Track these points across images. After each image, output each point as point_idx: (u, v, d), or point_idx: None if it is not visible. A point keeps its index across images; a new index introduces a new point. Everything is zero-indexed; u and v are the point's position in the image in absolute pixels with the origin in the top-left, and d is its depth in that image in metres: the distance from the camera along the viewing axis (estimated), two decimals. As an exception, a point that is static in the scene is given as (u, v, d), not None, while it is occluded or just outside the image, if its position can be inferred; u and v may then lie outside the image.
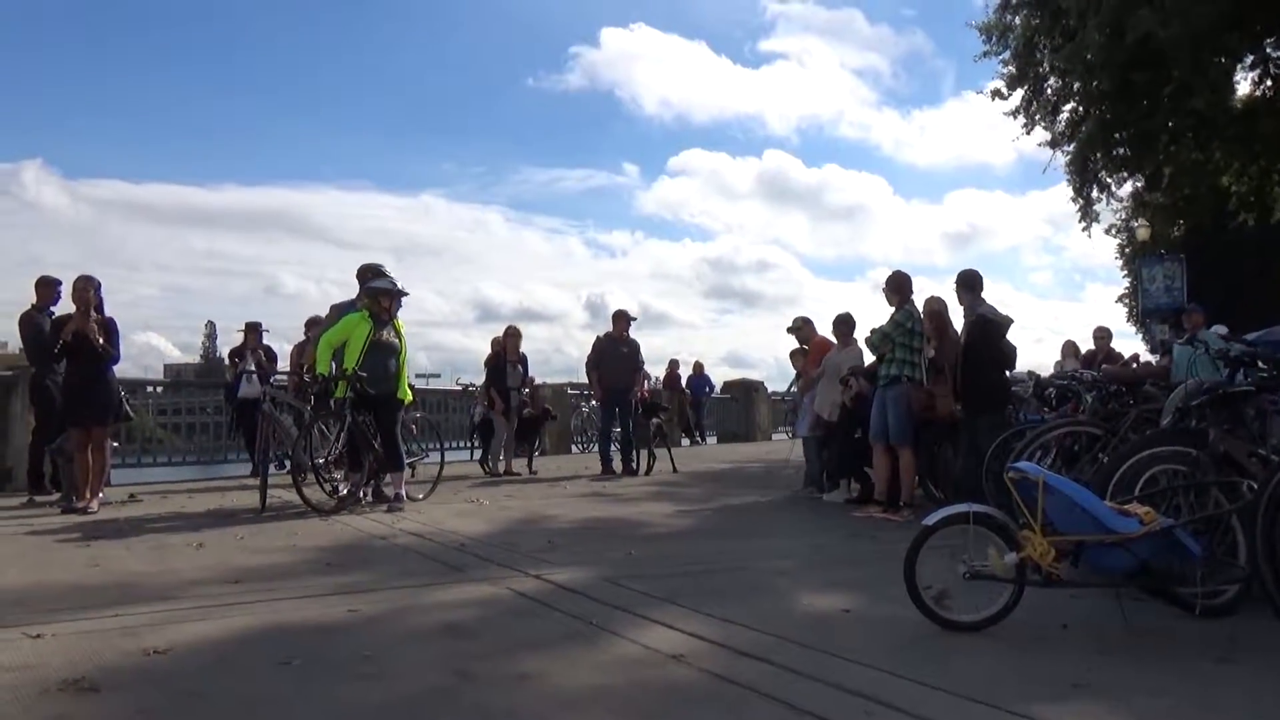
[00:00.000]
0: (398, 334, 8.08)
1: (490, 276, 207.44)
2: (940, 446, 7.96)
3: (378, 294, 8.01)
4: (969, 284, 7.49)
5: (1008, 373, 7.76)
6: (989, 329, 7.31)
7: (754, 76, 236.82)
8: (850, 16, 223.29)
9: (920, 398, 7.55)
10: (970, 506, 3.89)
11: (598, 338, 11.71)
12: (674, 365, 19.80)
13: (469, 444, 14.07)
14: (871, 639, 3.65)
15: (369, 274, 8.41)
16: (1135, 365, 11.33)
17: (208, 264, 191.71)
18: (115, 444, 9.14)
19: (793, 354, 9.85)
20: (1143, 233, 21.18)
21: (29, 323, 8.71)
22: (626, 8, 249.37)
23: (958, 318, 7.90)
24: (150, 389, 14.25)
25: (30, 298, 8.81)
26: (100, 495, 7.89)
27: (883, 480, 7.66)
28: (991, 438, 6.81)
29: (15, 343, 10.03)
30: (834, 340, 9.00)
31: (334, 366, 7.77)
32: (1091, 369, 9.02)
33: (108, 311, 7.91)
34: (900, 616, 3.84)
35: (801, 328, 9.62)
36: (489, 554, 5.62)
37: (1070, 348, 12.33)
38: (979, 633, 3.72)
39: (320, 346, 7.85)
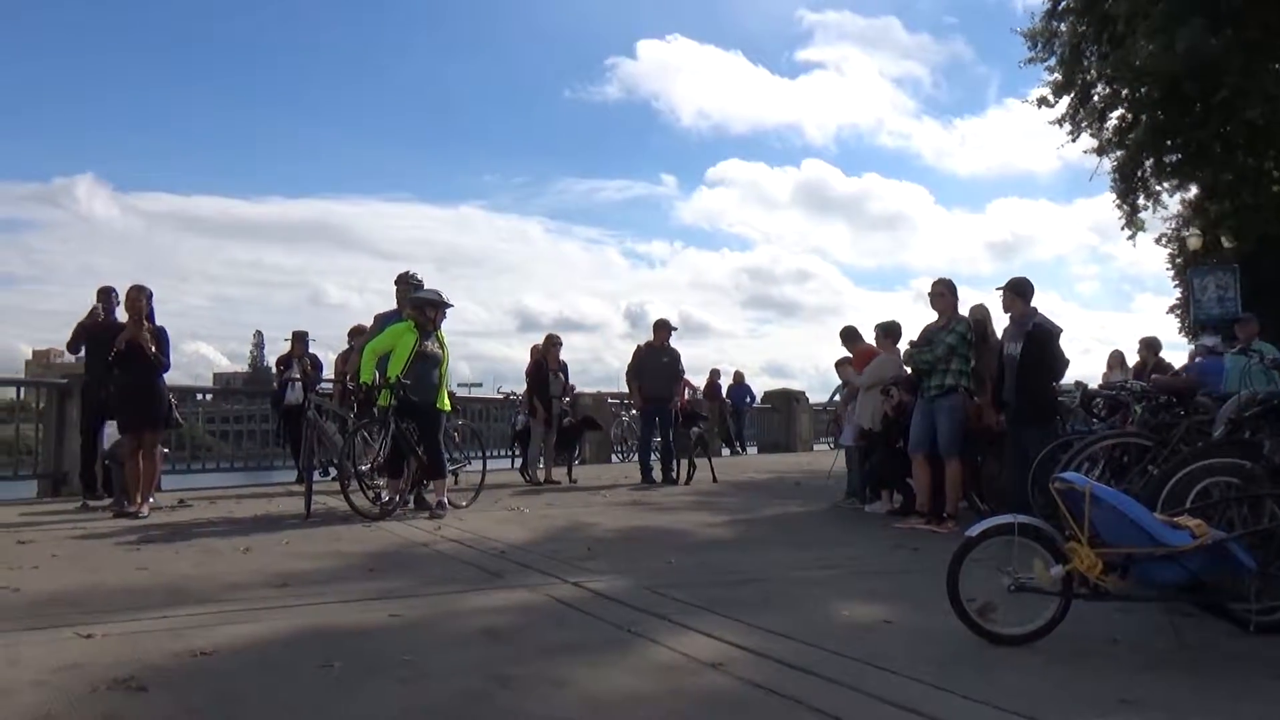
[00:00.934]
0: (440, 345, 8.17)
1: (531, 286, 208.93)
2: (983, 458, 7.85)
3: (424, 305, 8.10)
4: (1021, 291, 7.30)
5: (1056, 383, 7.61)
6: (1045, 338, 7.16)
7: (791, 86, 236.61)
8: (888, 25, 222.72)
9: (972, 409, 7.45)
10: (1015, 517, 3.82)
11: (638, 347, 11.73)
12: (715, 375, 19.81)
13: (510, 452, 14.17)
14: (914, 651, 3.59)
15: (403, 283, 8.53)
16: (1183, 376, 11.09)
17: (254, 275, 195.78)
18: (165, 450, 9.32)
19: (839, 364, 9.78)
20: (1194, 242, 20.71)
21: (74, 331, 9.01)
22: (663, 19, 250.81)
23: (998, 325, 7.79)
24: (199, 396, 14.53)
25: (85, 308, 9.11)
26: (151, 500, 8.07)
27: (924, 491, 7.56)
28: (1039, 448, 6.69)
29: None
30: (879, 349, 8.93)
31: (378, 375, 7.85)
32: (1141, 379, 8.84)
33: (158, 321, 8.10)
34: (943, 629, 3.78)
35: (849, 337, 9.57)
36: (528, 561, 5.65)
37: (1116, 358, 12.10)
38: (1024, 646, 3.65)
39: (365, 355, 7.93)
